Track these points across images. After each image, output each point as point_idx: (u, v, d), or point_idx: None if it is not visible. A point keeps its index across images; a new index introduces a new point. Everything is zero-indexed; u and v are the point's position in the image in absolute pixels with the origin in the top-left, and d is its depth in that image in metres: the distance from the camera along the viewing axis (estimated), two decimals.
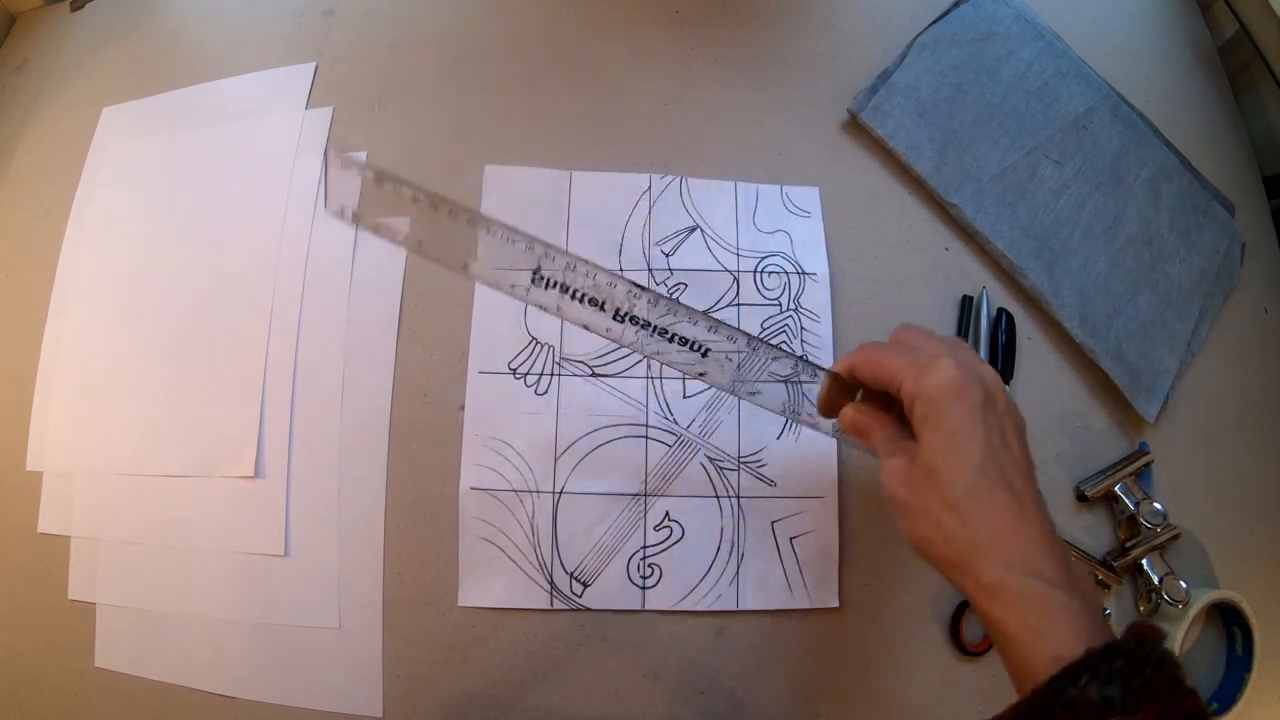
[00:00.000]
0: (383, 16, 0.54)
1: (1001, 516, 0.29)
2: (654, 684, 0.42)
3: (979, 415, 0.30)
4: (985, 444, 0.29)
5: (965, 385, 0.30)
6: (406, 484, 0.44)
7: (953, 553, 0.30)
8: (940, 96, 0.52)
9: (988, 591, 0.29)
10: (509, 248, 0.37)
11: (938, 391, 0.30)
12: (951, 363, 0.31)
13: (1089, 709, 0.24)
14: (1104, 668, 0.24)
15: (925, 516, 0.31)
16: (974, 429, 0.30)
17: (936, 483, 0.30)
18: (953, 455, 0.30)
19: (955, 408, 0.30)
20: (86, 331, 0.49)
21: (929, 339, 0.34)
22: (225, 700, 0.43)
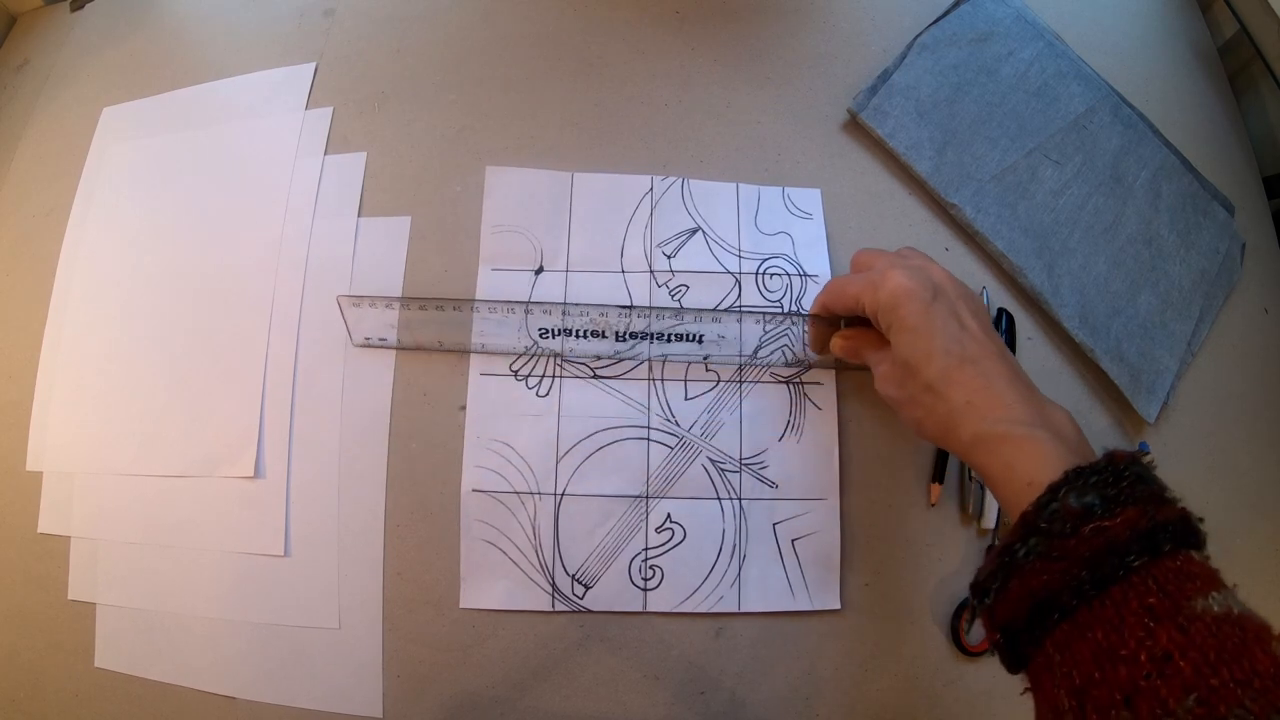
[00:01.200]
0: (383, 16, 0.54)
1: (968, 386, 0.33)
2: (654, 684, 0.42)
3: (932, 309, 0.35)
4: (943, 331, 0.34)
5: (914, 287, 0.35)
6: (406, 484, 0.44)
7: (938, 425, 0.35)
8: (940, 96, 0.52)
9: (970, 446, 0.33)
10: (508, 317, 0.44)
11: (891, 300, 0.35)
12: (899, 272, 0.36)
13: (1070, 516, 0.26)
14: (1079, 482, 0.27)
15: (913, 404, 0.36)
16: (930, 322, 0.35)
17: (913, 374, 0.35)
18: (918, 348, 0.35)
19: (910, 309, 0.35)
20: (86, 331, 0.49)
21: (880, 256, 0.39)
22: (225, 700, 0.43)
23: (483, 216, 0.48)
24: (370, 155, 0.49)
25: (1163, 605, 0.24)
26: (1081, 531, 0.26)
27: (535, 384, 0.45)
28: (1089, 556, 0.25)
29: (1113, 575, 0.25)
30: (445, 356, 0.45)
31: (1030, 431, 0.31)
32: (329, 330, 0.46)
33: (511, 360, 0.45)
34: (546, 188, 0.48)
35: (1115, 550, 0.25)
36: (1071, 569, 0.26)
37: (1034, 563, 0.27)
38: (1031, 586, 0.26)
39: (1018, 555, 0.27)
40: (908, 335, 0.35)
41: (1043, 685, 0.27)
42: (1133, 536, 0.25)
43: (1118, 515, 0.26)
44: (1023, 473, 0.30)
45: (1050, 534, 0.26)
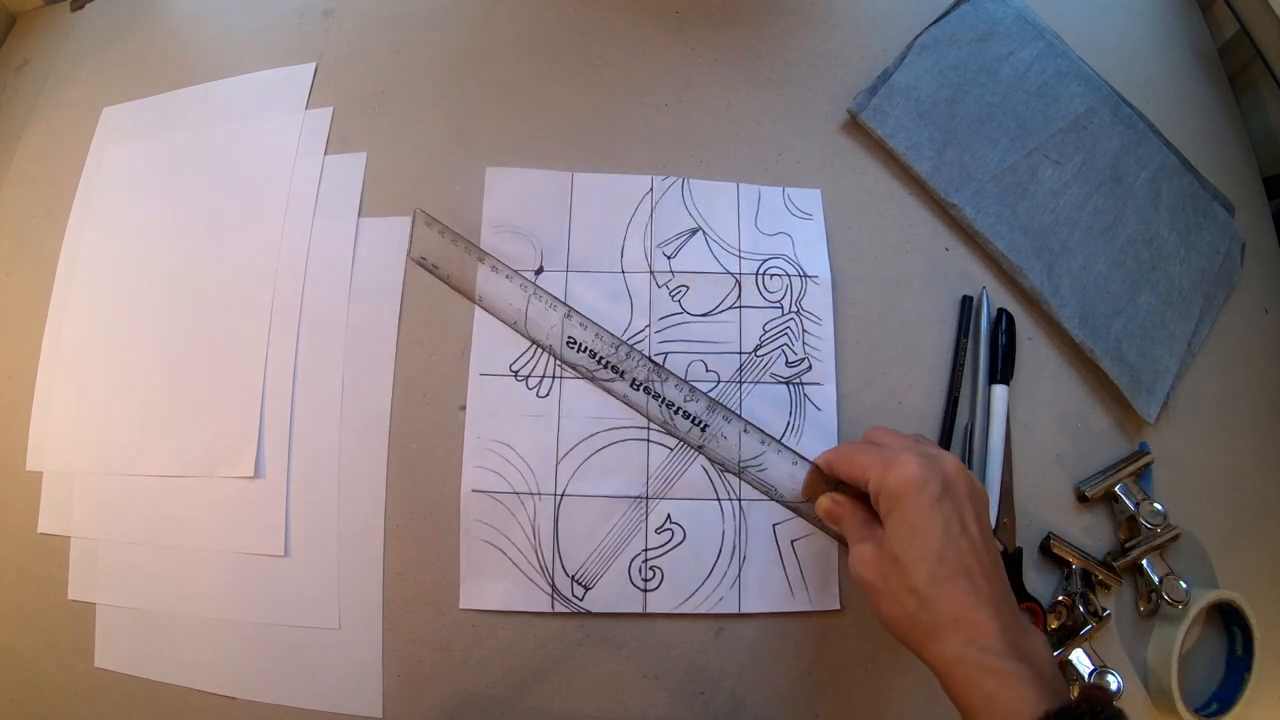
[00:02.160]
0: (383, 17, 0.54)
1: (959, 601, 0.32)
2: (654, 685, 0.42)
3: (938, 508, 0.33)
4: (943, 535, 0.33)
5: (925, 479, 0.33)
6: (406, 484, 0.44)
7: (916, 632, 0.33)
8: (940, 97, 0.52)
9: (948, 667, 0.32)
10: (549, 311, 0.44)
11: (900, 486, 0.34)
12: (913, 458, 0.34)
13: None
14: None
15: (892, 599, 0.34)
16: (933, 522, 0.33)
17: (901, 570, 0.33)
18: (914, 546, 0.33)
19: (916, 501, 0.33)
20: (86, 331, 0.49)
21: (895, 436, 0.38)
22: (225, 700, 0.43)
23: (482, 216, 0.48)
24: (370, 155, 0.49)
25: None
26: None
27: (535, 384, 0.45)
28: None
29: None
30: (445, 357, 0.45)
31: (1016, 667, 0.30)
32: (329, 330, 0.46)
33: (512, 360, 0.45)
34: (546, 188, 0.48)
35: None
36: None
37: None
38: None
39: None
40: (906, 530, 0.33)
41: None
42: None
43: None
44: (1003, 708, 0.29)
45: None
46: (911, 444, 0.37)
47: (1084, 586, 0.44)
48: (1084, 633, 0.42)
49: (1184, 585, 0.43)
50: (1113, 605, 0.45)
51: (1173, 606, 0.43)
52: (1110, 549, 0.46)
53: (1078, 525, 0.46)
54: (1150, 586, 0.44)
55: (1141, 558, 0.44)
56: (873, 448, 0.37)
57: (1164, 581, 0.43)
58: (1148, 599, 0.44)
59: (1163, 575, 0.44)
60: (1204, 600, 0.44)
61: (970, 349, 0.47)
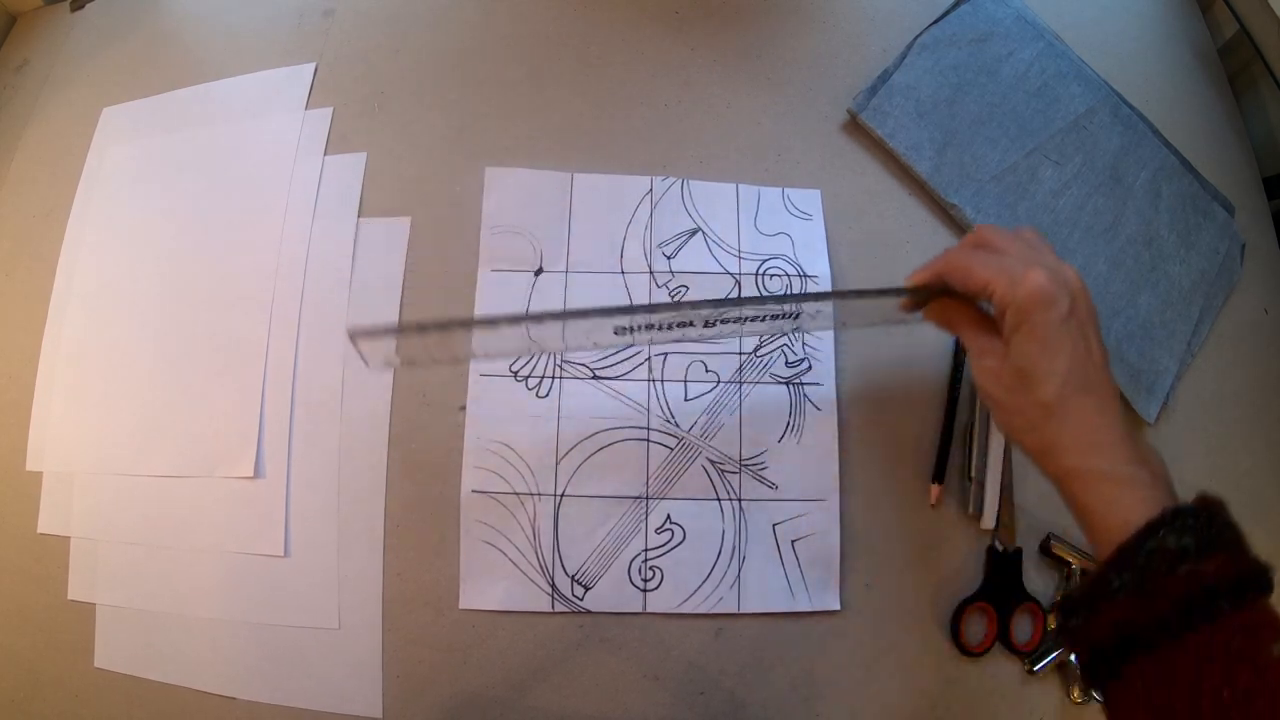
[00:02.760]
0: (383, 17, 0.54)
1: (1084, 417, 0.33)
2: (654, 685, 0.42)
3: (1066, 325, 0.33)
4: (1071, 353, 0.33)
5: (1054, 295, 0.33)
6: (406, 484, 0.44)
7: (1041, 444, 0.34)
8: (940, 97, 0.52)
9: (1069, 474, 0.33)
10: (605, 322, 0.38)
11: (1030, 302, 0.33)
12: (1041, 273, 0.33)
13: (1166, 556, 0.27)
14: (1178, 523, 0.28)
15: (1019, 414, 0.34)
16: (1062, 339, 0.33)
17: (1028, 385, 0.33)
18: (1043, 362, 0.33)
19: (1045, 319, 0.33)
20: (86, 331, 0.49)
21: (1012, 241, 0.36)
22: (225, 700, 0.43)
23: (482, 217, 0.48)
24: (370, 155, 0.49)
25: (1244, 648, 0.25)
26: (1176, 572, 0.27)
27: (535, 385, 0.45)
28: (1180, 597, 0.27)
29: (1200, 616, 0.26)
30: None
31: (1134, 472, 0.31)
32: (329, 330, 0.46)
33: (512, 361, 0.45)
34: (546, 188, 0.48)
35: (1206, 593, 0.26)
36: (1161, 607, 0.27)
37: (1127, 596, 0.28)
38: (1121, 617, 0.28)
39: (1111, 584, 0.28)
40: (1036, 346, 0.33)
41: (1120, 705, 0.28)
42: (1222, 582, 0.27)
43: (1208, 560, 0.27)
44: (1122, 511, 0.30)
45: (1145, 570, 0.28)
46: (1030, 252, 0.35)
47: None
48: None
49: None
50: None
51: None
52: None
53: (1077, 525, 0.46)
54: None
55: None
56: (992, 257, 0.35)
57: None
58: None
59: None
60: None
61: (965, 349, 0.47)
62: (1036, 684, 0.43)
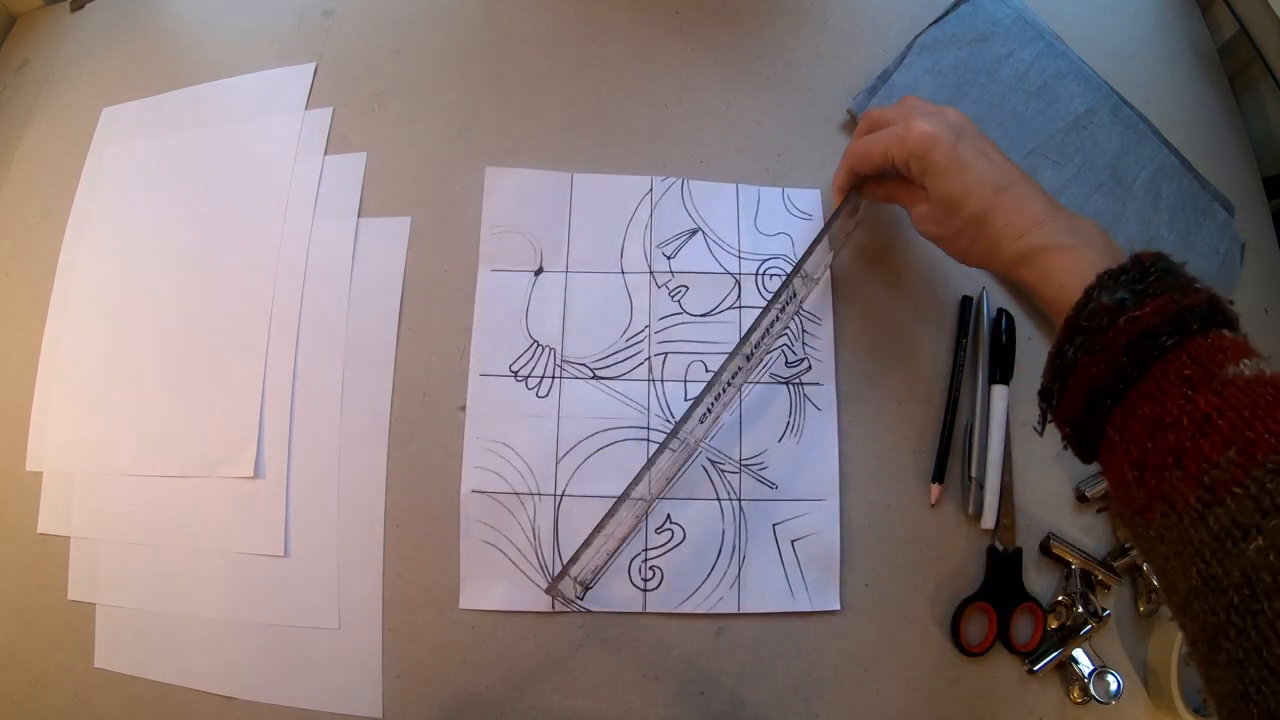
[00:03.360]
0: (383, 16, 0.54)
1: (1008, 208, 0.36)
2: (654, 684, 0.42)
3: (958, 148, 0.38)
4: (973, 166, 0.37)
5: (938, 132, 0.38)
6: (406, 484, 0.44)
7: (984, 250, 0.38)
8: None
9: (1012, 263, 0.36)
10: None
11: (920, 146, 0.38)
12: (922, 120, 0.38)
13: (1105, 311, 0.29)
14: (1110, 281, 0.30)
15: (957, 236, 0.39)
16: (960, 160, 0.37)
17: (954, 209, 0.38)
18: (955, 186, 0.37)
19: (939, 151, 0.38)
20: (86, 332, 0.49)
21: (893, 110, 0.42)
22: (225, 701, 0.43)
23: (482, 217, 0.48)
24: (370, 155, 0.49)
25: (1197, 374, 0.26)
26: (1117, 323, 0.28)
27: (535, 385, 0.45)
28: (1126, 344, 0.28)
29: (1149, 356, 0.27)
30: (445, 357, 0.45)
31: (1064, 241, 0.34)
32: (329, 330, 0.46)
33: (512, 360, 0.45)
34: (546, 188, 0.48)
35: (1148, 334, 0.28)
36: (1113, 358, 0.28)
37: (1082, 359, 0.29)
38: (1083, 380, 0.29)
39: (1067, 355, 0.30)
40: (942, 175, 0.37)
41: (1110, 465, 0.29)
42: (1162, 321, 0.28)
43: (1146, 305, 0.28)
44: (1058, 278, 0.33)
45: (1090, 330, 0.29)
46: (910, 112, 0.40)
47: (1084, 586, 0.44)
48: (1084, 633, 0.43)
49: None
50: (1113, 605, 0.45)
51: None
52: (1110, 549, 0.46)
53: (1078, 525, 0.46)
54: (1150, 586, 0.44)
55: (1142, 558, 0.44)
56: (881, 131, 0.41)
57: None
58: (1147, 599, 0.44)
59: None
60: None
61: (970, 349, 0.47)
62: (1036, 684, 0.43)
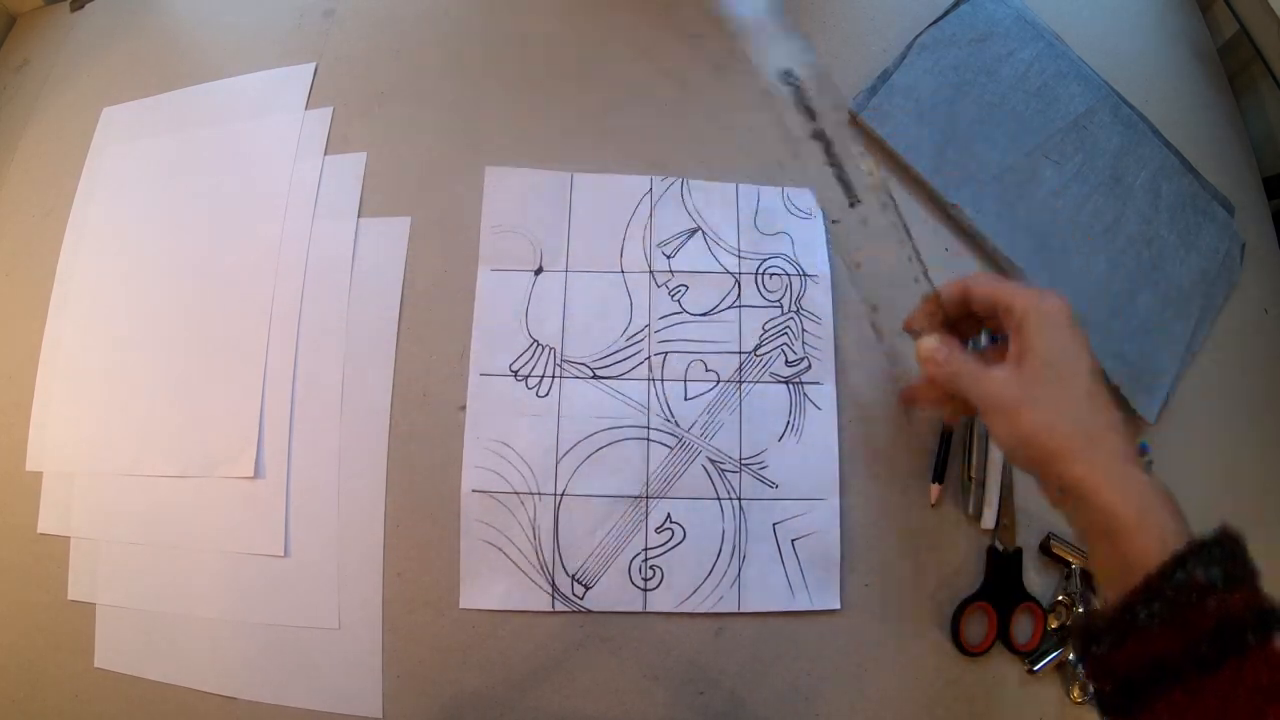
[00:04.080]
0: (383, 16, 0.54)
1: (1111, 412, 0.34)
2: (654, 684, 0.42)
3: (1083, 337, 0.35)
4: (1090, 357, 0.35)
5: (1070, 311, 0.36)
6: (406, 484, 0.44)
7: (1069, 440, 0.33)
8: (940, 97, 0.52)
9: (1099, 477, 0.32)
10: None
11: (1056, 310, 0.35)
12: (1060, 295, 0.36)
13: (1195, 588, 0.27)
14: (1205, 555, 0.28)
15: (1048, 408, 0.34)
16: (1083, 344, 0.35)
17: (1062, 378, 0.34)
18: (1071, 358, 0.34)
19: (1069, 323, 0.35)
20: (86, 331, 0.49)
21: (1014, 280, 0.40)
22: (225, 700, 0.43)
23: (482, 217, 0.48)
24: (370, 155, 0.49)
25: (1273, 684, 0.25)
26: (1205, 603, 0.27)
27: (535, 384, 0.45)
28: (1211, 629, 0.27)
29: (1231, 650, 0.26)
30: (445, 357, 0.45)
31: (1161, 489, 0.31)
32: (329, 330, 0.46)
33: (512, 360, 0.45)
34: (546, 188, 0.48)
35: (1236, 626, 0.26)
36: (1193, 637, 0.27)
37: (1156, 627, 0.28)
38: (1152, 650, 0.28)
39: (1138, 615, 0.28)
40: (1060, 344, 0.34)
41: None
42: (1250, 614, 0.27)
43: (1235, 592, 0.27)
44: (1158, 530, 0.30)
45: (1175, 602, 0.27)
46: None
47: (1084, 586, 0.44)
48: None
49: None
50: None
51: None
52: None
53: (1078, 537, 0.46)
54: None
55: None
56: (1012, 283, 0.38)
57: None
58: None
59: None
60: None
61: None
62: (1036, 684, 0.43)
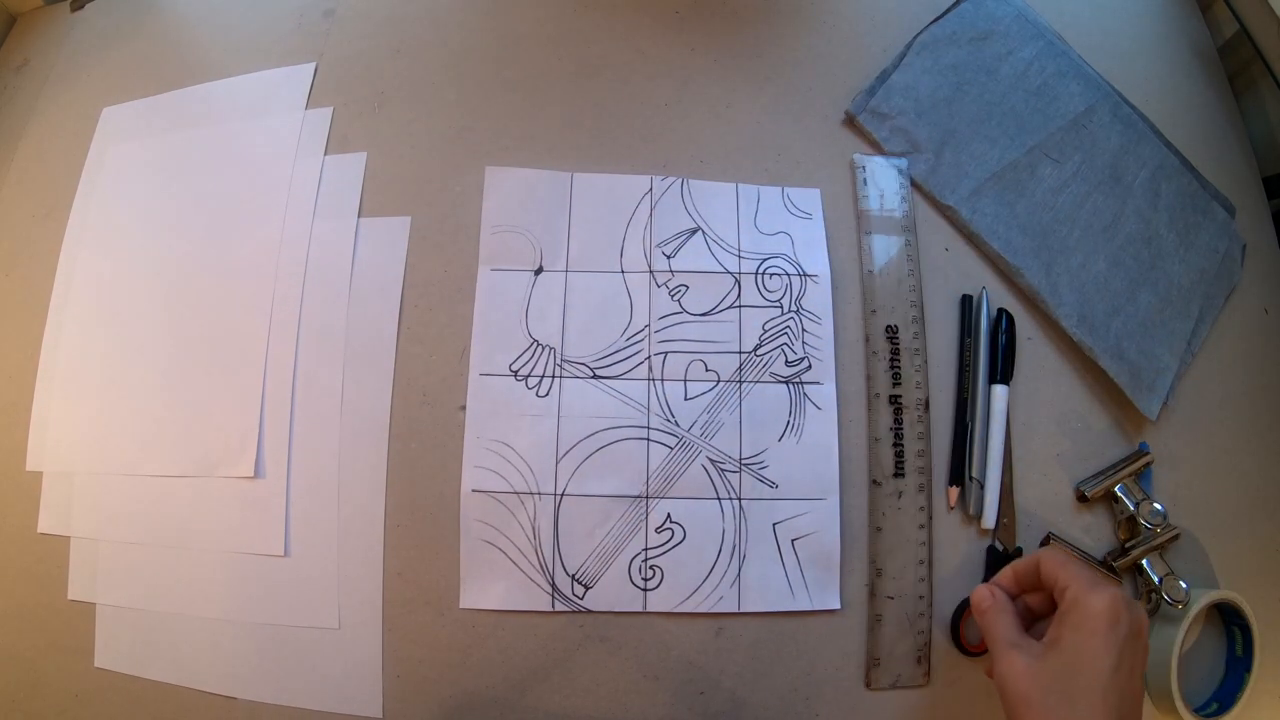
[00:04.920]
0: (383, 16, 0.54)
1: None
2: (654, 684, 0.42)
3: (1124, 643, 0.34)
4: (1117, 673, 0.33)
5: (1122, 613, 0.34)
6: (406, 484, 0.44)
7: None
8: (939, 96, 0.52)
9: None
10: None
11: (1101, 607, 0.34)
12: (1119, 592, 0.35)
13: None
14: None
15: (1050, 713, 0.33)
16: (1112, 656, 0.33)
17: (1063, 688, 0.33)
18: (1094, 667, 0.33)
19: (1110, 628, 0.33)
20: (86, 331, 0.49)
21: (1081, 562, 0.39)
22: (225, 700, 0.43)
23: (482, 216, 0.48)
24: (370, 155, 0.49)
25: None
26: None
27: (535, 384, 0.45)
28: None
29: None
30: (445, 357, 0.45)
31: None
32: (329, 330, 0.46)
33: (511, 360, 0.45)
34: (546, 188, 0.48)
35: None
36: None
37: None
38: None
39: None
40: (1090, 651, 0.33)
41: None
42: None
43: None
44: None
45: None
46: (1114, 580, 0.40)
47: None
48: None
49: (1184, 585, 0.43)
50: None
51: (1173, 606, 0.43)
52: (1110, 549, 0.46)
53: (1078, 525, 0.46)
54: (1150, 586, 0.44)
55: (1141, 558, 0.44)
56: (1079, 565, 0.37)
57: (1164, 581, 0.43)
58: (1147, 599, 0.44)
59: (1163, 575, 0.44)
60: (1204, 600, 0.44)
61: (970, 349, 0.47)
62: None
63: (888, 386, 0.45)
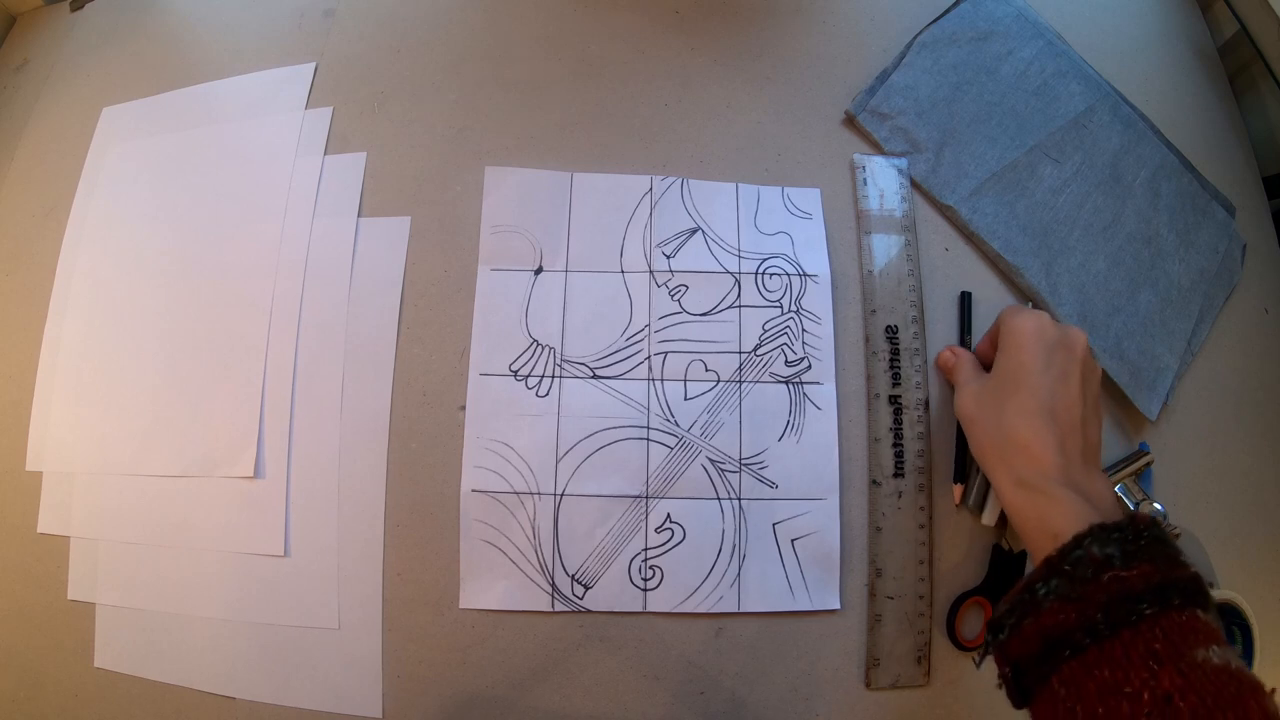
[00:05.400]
0: (383, 16, 0.54)
1: (1031, 433, 0.36)
2: (654, 684, 0.42)
3: (1047, 354, 0.37)
4: (1041, 376, 0.37)
5: (1045, 327, 0.38)
6: (406, 484, 0.44)
7: (994, 453, 0.37)
8: (939, 96, 0.52)
9: (1010, 493, 0.36)
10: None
11: (1020, 325, 0.38)
12: (1044, 314, 0.39)
13: (1092, 562, 0.29)
14: (1103, 535, 0.30)
15: (983, 426, 0.38)
16: (1036, 361, 0.37)
17: (998, 399, 0.38)
18: (1013, 379, 0.37)
19: (1029, 342, 0.38)
20: (86, 331, 0.49)
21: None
22: (225, 700, 0.43)
23: (482, 216, 0.48)
24: (370, 155, 0.49)
25: (1167, 651, 0.26)
26: (1101, 578, 0.29)
27: (535, 384, 0.45)
28: (1105, 601, 0.28)
29: (1125, 619, 0.27)
30: (445, 357, 0.45)
31: (1068, 494, 0.33)
32: (329, 330, 0.46)
33: (511, 360, 0.45)
34: (546, 188, 0.48)
35: (1130, 597, 0.28)
36: (1087, 610, 0.28)
37: (1052, 602, 0.29)
38: (1047, 624, 0.29)
39: (1038, 594, 0.30)
40: (1012, 364, 0.37)
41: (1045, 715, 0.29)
42: (1146, 588, 0.28)
43: (1134, 568, 0.29)
44: (1052, 525, 0.32)
45: (1072, 577, 0.29)
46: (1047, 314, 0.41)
47: None
48: None
49: None
50: None
51: None
52: None
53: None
54: None
55: None
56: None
57: None
58: None
59: None
60: None
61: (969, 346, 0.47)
62: None
63: (888, 386, 0.45)
